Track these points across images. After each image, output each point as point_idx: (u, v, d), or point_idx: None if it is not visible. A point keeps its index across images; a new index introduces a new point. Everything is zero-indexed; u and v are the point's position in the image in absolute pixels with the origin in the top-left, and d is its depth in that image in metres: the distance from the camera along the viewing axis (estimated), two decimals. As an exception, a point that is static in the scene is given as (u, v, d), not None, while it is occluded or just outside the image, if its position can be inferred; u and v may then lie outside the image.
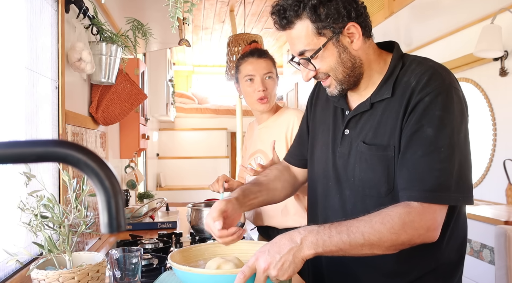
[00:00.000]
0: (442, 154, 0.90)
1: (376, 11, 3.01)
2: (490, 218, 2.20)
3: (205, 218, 1.05)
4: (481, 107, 2.90)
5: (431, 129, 0.91)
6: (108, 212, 0.39)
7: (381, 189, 0.99)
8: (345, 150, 1.06)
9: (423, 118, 0.92)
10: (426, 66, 0.98)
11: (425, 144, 0.91)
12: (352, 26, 0.97)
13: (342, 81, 1.02)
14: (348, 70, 1.00)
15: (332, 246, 0.87)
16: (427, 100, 0.92)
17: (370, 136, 1.01)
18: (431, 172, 0.90)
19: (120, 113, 1.95)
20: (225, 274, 0.92)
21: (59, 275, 0.93)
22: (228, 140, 6.20)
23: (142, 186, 3.82)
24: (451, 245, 1.02)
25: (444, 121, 0.91)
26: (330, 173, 1.10)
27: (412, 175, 0.92)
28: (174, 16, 1.18)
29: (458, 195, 0.91)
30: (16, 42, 1.16)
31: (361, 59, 1.01)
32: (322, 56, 0.99)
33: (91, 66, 1.56)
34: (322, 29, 0.97)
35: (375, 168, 0.99)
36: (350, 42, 0.99)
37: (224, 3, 4.44)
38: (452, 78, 0.96)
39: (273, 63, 1.77)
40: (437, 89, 0.92)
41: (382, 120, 1.00)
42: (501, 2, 2.55)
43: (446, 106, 0.92)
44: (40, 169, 1.23)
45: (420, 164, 0.91)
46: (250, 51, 1.76)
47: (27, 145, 0.40)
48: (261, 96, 1.71)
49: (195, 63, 7.34)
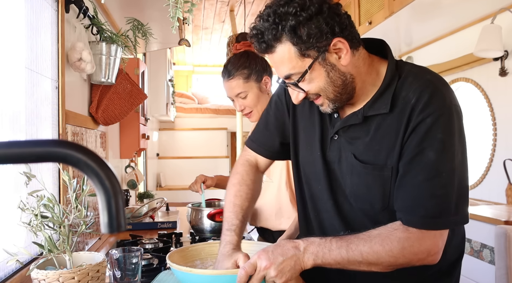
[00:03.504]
0: (444, 180, 0.88)
1: (376, 11, 3.01)
2: (490, 218, 2.20)
3: None
4: (481, 107, 2.90)
5: (433, 153, 0.89)
6: (108, 212, 0.39)
7: (375, 205, 0.98)
8: (335, 156, 1.03)
9: (424, 141, 0.89)
10: (424, 80, 0.93)
11: (427, 168, 0.89)
12: (338, 42, 0.90)
13: (334, 100, 0.96)
14: (339, 88, 0.94)
15: (331, 259, 0.90)
16: (429, 122, 0.89)
17: (361, 151, 0.97)
18: (432, 198, 0.89)
19: (120, 113, 1.95)
20: (224, 274, 0.92)
21: (59, 275, 0.93)
22: (228, 140, 6.20)
23: (142, 186, 3.82)
24: (453, 245, 1.02)
25: (446, 145, 0.89)
26: (320, 177, 1.06)
27: (412, 200, 0.90)
28: (174, 16, 1.18)
29: (457, 217, 0.91)
30: (16, 42, 1.16)
31: (351, 74, 0.94)
32: (309, 78, 0.93)
33: (91, 66, 1.56)
34: (306, 51, 0.89)
35: (369, 186, 0.97)
36: (338, 58, 0.91)
37: (224, 3, 4.44)
38: (451, 95, 0.93)
39: (245, 77, 1.66)
40: (439, 110, 0.89)
41: (377, 137, 0.96)
42: (501, 2, 2.55)
43: (448, 129, 0.89)
44: (40, 169, 1.23)
45: (421, 189, 0.89)
46: (224, 67, 1.72)
47: (27, 145, 0.40)
48: (243, 114, 1.75)
49: (195, 63, 7.34)
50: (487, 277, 2.21)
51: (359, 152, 0.98)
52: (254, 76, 1.68)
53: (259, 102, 1.70)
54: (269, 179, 1.71)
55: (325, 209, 1.07)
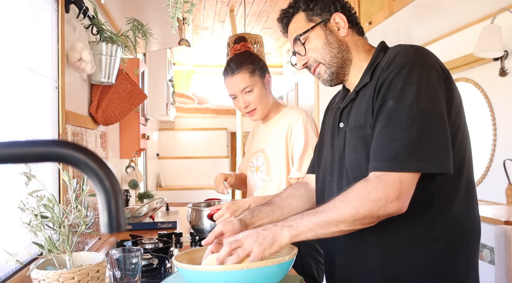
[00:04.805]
0: (403, 124, 0.91)
1: (376, 11, 3.01)
2: (490, 218, 2.20)
3: (203, 241, 1.09)
4: (481, 107, 2.90)
5: (392, 101, 0.94)
6: (108, 212, 0.39)
7: (363, 167, 1.00)
8: (341, 142, 1.11)
9: (387, 93, 0.96)
10: (399, 47, 1.02)
11: (387, 116, 0.94)
12: (337, 16, 1.12)
13: (330, 63, 1.11)
14: (335, 50, 1.11)
15: (303, 227, 0.94)
16: (392, 75, 0.96)
17: (353, 121, 1.07)
18: (390, 141, 0.92)
19: (120, 113, 1.95)
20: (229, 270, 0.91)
21: (59, 275, 0.93)
22: (228, 140, 6.20)
23: (142, 186, 3.82)
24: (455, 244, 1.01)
25: (405, 93, 0.93)
26: (330, 167, 1.14)
27: (375, 147, 0.95)
28: (174, 16, 1.18)
29: (420, 163, 0.89)
30: (16, 42, 1.16)
31: (348, 45, 1.12)
32: (310, 38, 1.12)
33: (91, 66, 1.56)
34: (312, 16, 1.13)
35: (356, 148, 1.03)
36: (337, 29, 1.12)
37: (224, 3, 4.44)
38: (419, 53, 0.98)
39: (250, 71, 1.67)
40: (401, 64, 0.96)
41: (361, 104, 1.05)
42: (501, 2, 2.55)
43: (409, 78, 0.94)
44: (40, 169, 1.23)
45: (382, 136, 0.94)
46: (226, 65, 1.72)
47: (27, 145, 0.40)
48: (246, 111, 1.72)
49: (195, 63, 7.34)
50: (487, 277, 2.21)
51: (351, 123, 1.07)
52: (258, 72, 1.69)
53: (263, 99, 1.70)
54: (268, 178, 1.71)
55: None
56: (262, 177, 1.74)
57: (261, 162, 1.76)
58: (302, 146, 1.63)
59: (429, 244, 0.98)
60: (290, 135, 1.67)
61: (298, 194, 1.30)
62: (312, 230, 0.94)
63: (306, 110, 1.93)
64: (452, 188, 0.99)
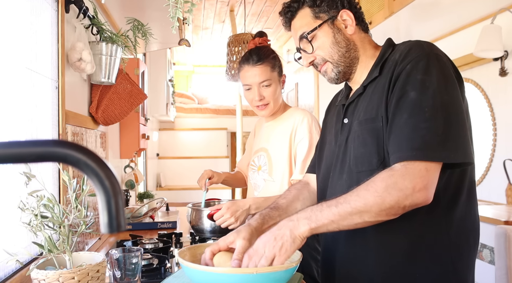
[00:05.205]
0: (427, 114, 0.90)
1: (376, 11, 3.01)
2: (490, 218, 2.20)
3: (206, 250, 1.06)
4: (481, 107, 2.90)
5: (414, 92, 0.93)
6: (108, 212, 0.39)
7: (372, 160, 0.99)
8: (344, 137, 1.10)
9: (406, 84, 0.95)
10: (411, 42, 1.03)
11: (410, 106, 0.93)
12: (344, 13, 1.09)
13: (338, 62, 1.10)
14: (343, 49, 1.09)
15: (324, 219, 0.91)
16: (409, 67, 0.96)
17: (362, 115, 1.05)
18: (415, 131, 0.90)
19: (120, 113, 1.95)
20: (239, 273, 0.91)
21: (59, 275, 0.93)
22: (228, 140, 6.20)
23: (142, 186, 3.82)
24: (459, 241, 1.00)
25: (426, 84, 0.93)
26: (333, 163, 1.13)
27: (400, 138, 0.93)
28: (174, 16, 1.18)
29: (448, 152, 0.90)
30: (16, 42, 1.16)
31: (355, 44, 1.10)
32: (317, 36, 1.10)
33: (91, 66, 1.56)
34: (319, 13, 1.10)
35: (366, 142, 1.01)
36: (344, 27, 1.10)
37: (224, 3, 4.44)
38: (433, 48, 1.00)
39: (272, 66, 1.69)
40: (418, 57, 0.96)
41: (372, 98, 1.04)
42: (501, 2, 2.55)
43: (428, 70, 0.94)
44: (40, 169, 1.23)
45: (406, 126, 0.92)
46: (248, 54, 1.71)
47: (27, 145, 0.40)
48: (258, 104, 1.70)
49: (195, 63, 7.34)
50: (487, 277, 2.21)
51: (360, 117, 1.06)
52: (277, 70, 1.71)
53: (277, 96, 1.71)
54: (270, 178, 1.71)
55: (333, 194, 1.07)
56: (264, 177, 1.73)
57: (263, 162, 1.75)
58: (306, 148, 1.62)
59: (432, 243, 0.98)
60: (294, 136, 1.67)
61: (302, 197, 1.29)
62: (334, 222, 0.91)
63: (306, 110, 1.94)
64: (456, 188, 0.99)
